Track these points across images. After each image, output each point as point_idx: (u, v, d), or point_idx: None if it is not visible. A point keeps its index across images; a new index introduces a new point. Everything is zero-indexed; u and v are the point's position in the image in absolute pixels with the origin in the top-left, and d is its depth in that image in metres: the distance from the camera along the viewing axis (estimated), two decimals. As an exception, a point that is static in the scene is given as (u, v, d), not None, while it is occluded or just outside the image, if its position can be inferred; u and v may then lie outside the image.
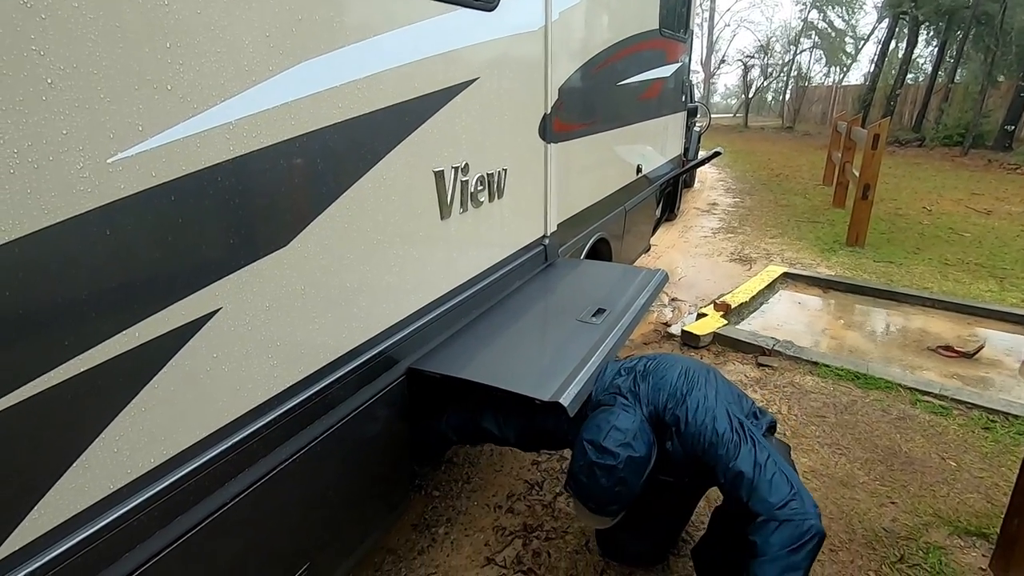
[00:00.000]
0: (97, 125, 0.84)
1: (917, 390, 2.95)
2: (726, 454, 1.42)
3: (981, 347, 3.61)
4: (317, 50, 1.20)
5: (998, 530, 1.91)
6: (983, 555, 1.97)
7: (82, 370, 0.86)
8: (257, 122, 1.09)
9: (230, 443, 1.12)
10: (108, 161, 0.86)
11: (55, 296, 0.82)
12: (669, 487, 1.70)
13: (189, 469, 1.05)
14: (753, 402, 1.68)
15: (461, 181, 1.77)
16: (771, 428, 1.65)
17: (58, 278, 0.82)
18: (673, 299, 4.51)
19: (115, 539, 0.94)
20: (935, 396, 2.90)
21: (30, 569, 0.84)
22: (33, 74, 0.76)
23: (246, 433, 1.16)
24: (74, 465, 0.87)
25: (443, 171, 1.67)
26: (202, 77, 0.98)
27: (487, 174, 1.92)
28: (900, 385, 3.00)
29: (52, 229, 0.80)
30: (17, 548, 0.83)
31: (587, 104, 2.76)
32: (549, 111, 2.29)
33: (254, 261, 1.12)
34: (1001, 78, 14.10)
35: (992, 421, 2.71)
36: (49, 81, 0.78)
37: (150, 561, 1.00)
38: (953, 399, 2.86)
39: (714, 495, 1.88)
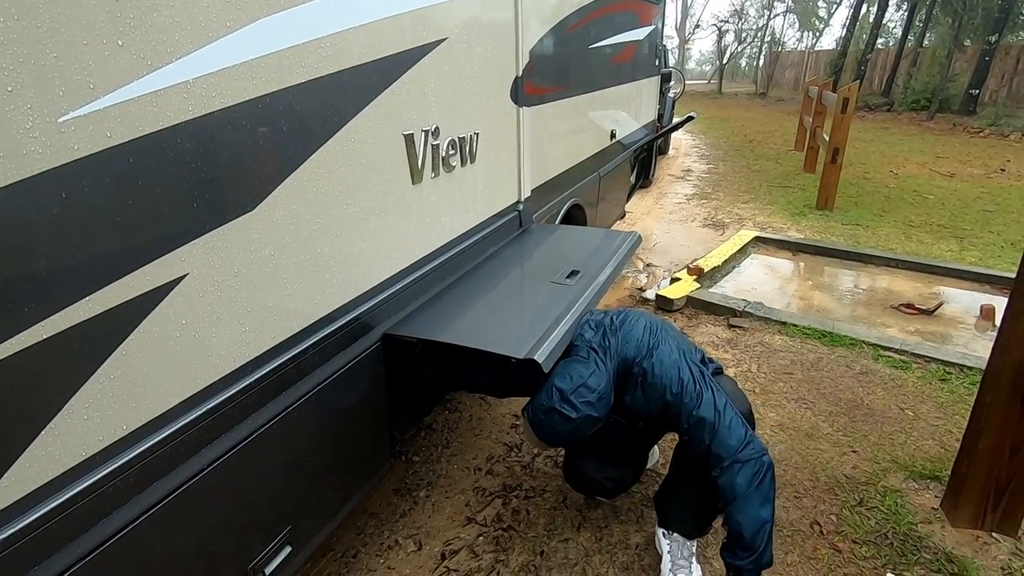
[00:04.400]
0: (45, 82, 0.80)
1: (879, 346, 3.07)
2: (690, 401, 1.55)
3: (940, 304, 3.75)
4: (278, 5, 1.16)
5: (950, 472, 2.03)
6: (935, 496, 2.09)
7: (44, 337, 0.84)
8: (216, 81, 1.05)
9: (203, 409, 1.12)
10: (60, 120, 0.82)
11: (10, 262, 0.80)
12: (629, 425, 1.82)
13: (164, 435, 1.05)
14: (703, 352, 1.78)
15: (432, 145, 1.74)
16: (717, 372, 1.81)
17: (12, 243, 0.80)
18: (648, 265, 4.56)
19: (90, 505, 0.94)
20: (896, 351, 3.02)
21: (2, 536, 0.83)
22: (-29, 26, 0.72)
23: (220, 400, 1.15)
24: (42, 433, 0.86)
25: (413, 134, 1.64)
26: (155, 33, 0.94)
27: (459, 138, 1.89)
28: (864, 342, 3.12)
29: (3, 191, 0.77)
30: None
31: (559, 67, 2.73)
32: (521, 74, 2.26)
33: (220, 226, 1.10)
34: (968, 42, 14.26)
35: (948, 373, 2.84)
36: (-11, 34, 0.74)
37: (127, 527, 1.00)
38: (913, 353, 2.99)
39: (670, 443, 1.95)
